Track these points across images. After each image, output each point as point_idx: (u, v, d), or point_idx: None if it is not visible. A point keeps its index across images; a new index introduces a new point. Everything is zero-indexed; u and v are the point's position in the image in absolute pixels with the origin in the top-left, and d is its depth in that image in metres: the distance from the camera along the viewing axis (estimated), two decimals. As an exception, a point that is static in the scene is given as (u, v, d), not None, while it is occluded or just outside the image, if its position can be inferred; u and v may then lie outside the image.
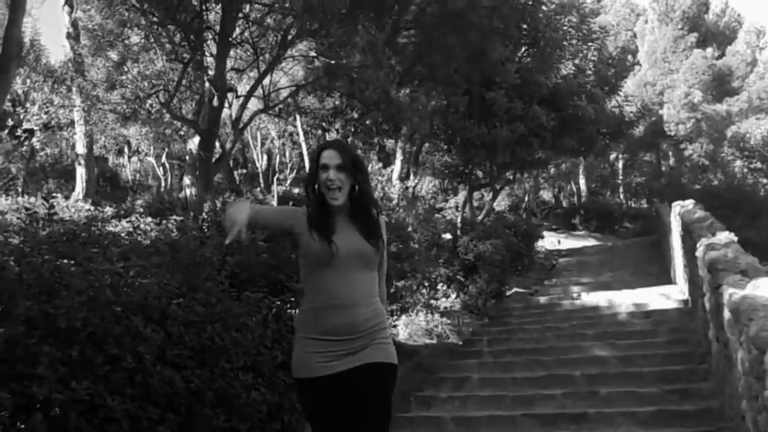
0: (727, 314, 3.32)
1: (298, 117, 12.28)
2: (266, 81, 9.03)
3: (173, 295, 3.17)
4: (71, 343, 2.59)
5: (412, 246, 7.00)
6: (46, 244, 3.02)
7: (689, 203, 7.15)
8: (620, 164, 23.02)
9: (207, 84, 7.86)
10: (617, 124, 12.08)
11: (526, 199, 19.81)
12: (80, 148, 11.56)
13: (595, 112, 10.29)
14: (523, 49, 10.50)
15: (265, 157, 18.98)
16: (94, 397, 2.53)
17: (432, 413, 4.60)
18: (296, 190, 20.41)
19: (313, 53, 9.16)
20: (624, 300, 7.46)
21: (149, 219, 5.14)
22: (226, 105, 8.70)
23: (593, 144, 11.71)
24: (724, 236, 4.45)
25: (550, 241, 14.63)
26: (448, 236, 9.12)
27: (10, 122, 11.83)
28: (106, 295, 2.81)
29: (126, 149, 17.04)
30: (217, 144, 8.76)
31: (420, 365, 5.70)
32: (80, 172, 11.55)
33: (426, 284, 7.11)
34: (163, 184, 16.49)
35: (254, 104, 10.77)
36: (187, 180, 9.50)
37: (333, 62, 8.21)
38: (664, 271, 9.62)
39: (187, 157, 9.78)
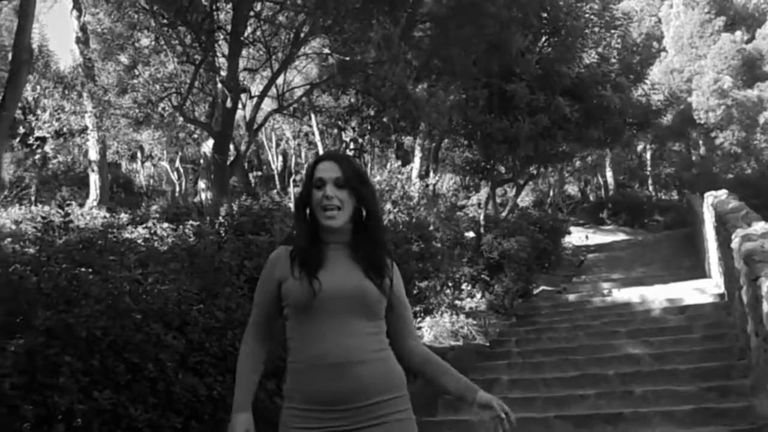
0: (766, 307, 3.16)
1: (313, 116, 12.26)
2: (280, 80, 9.01)
3: (193, 302, 3.15)
4: (92, 353, 2.58)
5: (434, 245, 6.86)
6: (62, 253, 3.01)
7: (722, 193, 6.90)
8: (648, 155, 22.36)
9: (219, 85, 7.83)
10: (644, 114, 11.67)
11: (551, 193, 19.41)
12: (93, 155, 11.62)
13: (620, 101, 9.96)
14: (543, 38, 10.21)
15: (280, 158, 18.99)
16: (116, 407, 2.52)
17: (460, 416, 4.49)
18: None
19: (326, 50, 9.11)
20: (657, 295, 7.22)
21: (165, 224, 5.12)
22: (240, 106, 8.69)
23: (620, 135, 11.35)
24: (760, 226, 4.31)
25: (577, 236, 14.30)
26: (471, 234, 8.95)
27: (21, 130, 11.95)
28: (125, 303, 2.79)
29: (139, 154, 17.12)
30: (232, 146, 8.75)
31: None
32: (94, 178, 11.60)
33: (450, 284, 6.97)
34: (177, 188, 16.59)
35: (268, 104, 10.75)
36: (202, 184, 9.50)
37: (347, 59, 8.12)
38: (698, 264, 9.29)
39: (202, 161, 9.80)
